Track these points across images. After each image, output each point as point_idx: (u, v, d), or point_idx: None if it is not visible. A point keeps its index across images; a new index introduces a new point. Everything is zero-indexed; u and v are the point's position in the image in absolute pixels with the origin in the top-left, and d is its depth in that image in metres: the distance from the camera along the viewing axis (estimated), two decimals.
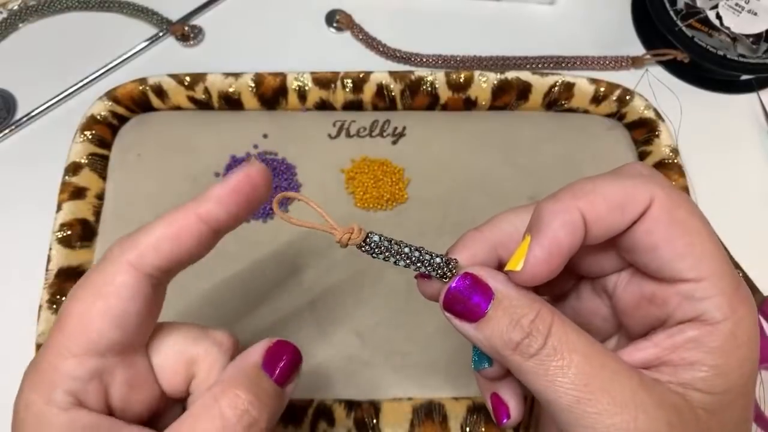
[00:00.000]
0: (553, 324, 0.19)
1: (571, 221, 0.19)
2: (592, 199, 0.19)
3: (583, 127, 0.40)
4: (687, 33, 0.42)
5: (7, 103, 0.41)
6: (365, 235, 0.22)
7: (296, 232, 0.36)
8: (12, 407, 0.22)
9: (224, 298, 0.35)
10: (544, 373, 0.18)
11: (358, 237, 0.22)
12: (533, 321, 0.19)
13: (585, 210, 0.19)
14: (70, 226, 0.35)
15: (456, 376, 0.33)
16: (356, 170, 0.38)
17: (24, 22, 0.44)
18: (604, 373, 0.18)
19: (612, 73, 0.44)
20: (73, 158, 0.36)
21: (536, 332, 0.19)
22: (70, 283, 0.34)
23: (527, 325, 0.19)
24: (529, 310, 0.19)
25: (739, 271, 0.38)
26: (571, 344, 0.18)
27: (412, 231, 0.36)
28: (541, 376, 0.18)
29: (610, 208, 0.19)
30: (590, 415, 0.18)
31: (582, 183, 0.20)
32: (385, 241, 0.22)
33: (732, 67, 0.41)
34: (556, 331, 0.19)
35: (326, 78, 0.38)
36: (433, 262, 0.21)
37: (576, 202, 0.19)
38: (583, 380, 0.18)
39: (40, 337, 0.32)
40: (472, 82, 0.39)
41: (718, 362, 0.19)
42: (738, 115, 0.43)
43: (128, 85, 0.38)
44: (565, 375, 0.18)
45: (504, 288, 0.20)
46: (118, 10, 0.45)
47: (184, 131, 0.39)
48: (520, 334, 0.19)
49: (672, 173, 0.37)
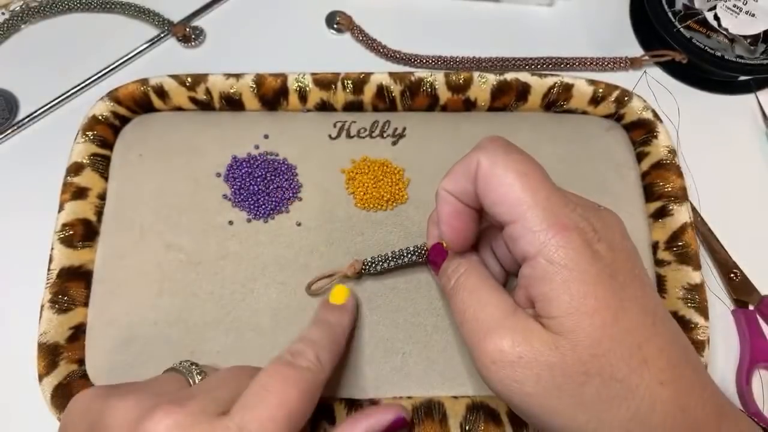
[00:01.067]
0: (461, 275, 0.28)
1: (444, 201, 0.27)
2: (449, 179, 0.26)
3: (582, 127, 0.40)
4: (685, 34, 0.42)
5: (10, 103, 0.42)
6: (361, 265, 0.33)
7: (296, 232, 0.36)
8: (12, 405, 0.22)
9: (225, 298, 0.35)
10: (451, 300, 0.28)
11: (359, 268, 0.33)
12: (454, 269, 0.28)
13: (448, 188, 0.26)
14: (71, 226, 0.35)
15: (455, 375, 0.33)
16: (356, 171, 0.38)
17: (26, 23, 0.45)
18: (478, 304, 0.25)
19: (610, 74, 0.44)
20: (75, 158, 0.37)
21: (452, 276, 0.28)
22: (71, 283, 0.34)
23: (450, 272, 0.28)
24: (452, 266, 0.29)
25: (737, 271, 0.38)
26: (466, 284, 0.27)
27: (412, 231, 0.37)
28: (450, 304, 0.28)
29: (458, 180, 0.26)
30: (465, 335, 0.26)
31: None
32: (376, 260, 0.33)
33: (730, 68, 0.41)
34: (462, 275, 0.28)
35: (327, 79, 0.39)
36: (411, 258, 0.33)
37: (442, 185, 0.27)
38: (464, 307, 0.26)
39: (41, 337, 0.33)
40: (472, 83, 0.39)
41: (544, 290, 0.23)
42: (736, 115, 0.44)
43: (130, 85, 0.38)
44: (455, 303, 0.27)
45: (453, 254, 0.29)
46: (119, 11, 0.45)
47: (186, 132, 0.39)
48: (445, 280, 0.29)
49: (670, 174, 0.37)
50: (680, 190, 0.37)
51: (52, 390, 0.32)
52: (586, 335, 0.22)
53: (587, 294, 0.22)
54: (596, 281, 0.22)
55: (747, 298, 0.38)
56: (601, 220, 0.24)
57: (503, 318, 0.24)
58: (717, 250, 0.39)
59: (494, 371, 0.23)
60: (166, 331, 0.34)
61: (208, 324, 0.34)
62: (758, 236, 0.39)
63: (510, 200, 0.23)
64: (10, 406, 0.34)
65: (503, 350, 0.23)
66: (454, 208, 0.27)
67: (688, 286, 0.35)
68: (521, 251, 0.23)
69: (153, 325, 0.34)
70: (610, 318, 0.22)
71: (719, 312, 0.38)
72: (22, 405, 0.34)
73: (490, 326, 0.24)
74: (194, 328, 0.34)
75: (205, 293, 0.35)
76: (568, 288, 0.22)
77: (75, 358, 0.33)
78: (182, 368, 0.28)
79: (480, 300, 0.25)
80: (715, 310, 0.37)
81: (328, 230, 0.36)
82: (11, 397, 0.34)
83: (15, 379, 0.34)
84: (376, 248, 0.36)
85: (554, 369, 0.22)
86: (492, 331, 0.24)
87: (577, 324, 0.22)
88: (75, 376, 0.33)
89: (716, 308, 0.38)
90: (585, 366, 0.22)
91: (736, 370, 0.36)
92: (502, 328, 0.24)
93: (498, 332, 0.24)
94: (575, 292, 0.22)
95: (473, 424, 0.32)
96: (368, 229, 0.37)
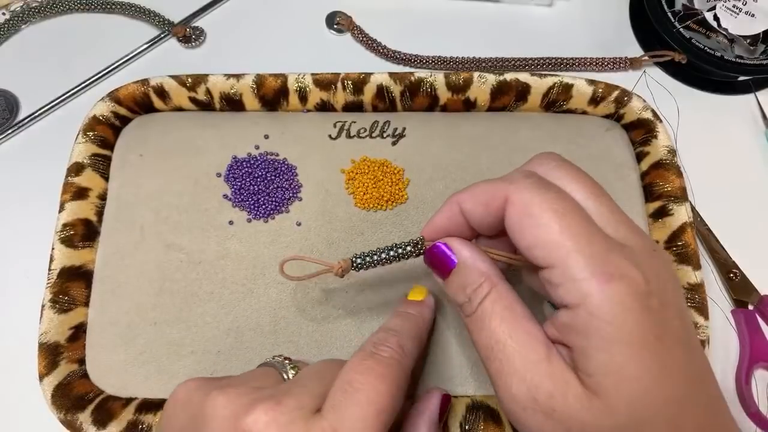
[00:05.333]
0: (488, 296, 0.24)
1: (449, 211, 0.26)
2: (467, 196, 0.25)
3: (582, 127, 0.40)
4: (685, 34, 0.42)
5: (10, 103, 0.42)
6: (350, 262, 0.28)
7: (296, 232, 0.36)
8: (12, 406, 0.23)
9: (225, 298, 0.35)
10: (472, 329, 0.24)
11: (348, 266, 0.28)
12: (474, 290, 0.24)
13: (462, 204, 0.25)
14: (72, 226, 0.35)
15: (455, 374, 0.33)
16: (356, 171, 0.38)
17: (26, 24, 0.45)
18: (510, 340, 0.23)
19: (610, 75, 0.44)
20: (76, 159, 0.37)
21: (473, 299, 0.24)
22: (72, 283, 0.34)
23: (469, 292, 0.25)
24: (473, 281, 0.25)
25: (737, 271, 0.38)
26: (492, 313, 0.23)
27: (412, 231, 0.37)
28: (470, 330, 0.25)
29: (477, 203, 0.24)
30: (491, 374, 0.23)
31: (476, 182, 0.25)
32: (366, 258, 0.28)
33: (729, 68, 0.41)
34: (487, 301, 0.24)
35: (327, 79, 0.39)
36: (405, 252, 0.28)
37: (457, 197, 0.25)
38: (492, 343, 0.23)
39: (42, 337, 0.33)
40: (472, 84, 0.39)
41: (582, 344, 0.21)
42: (736, 116, 0.44)
43: (130, 86, 0.39)
44: (480, 336, 0.24)
45: (466, 258, 0.25)
46: (120, 11, 0.45)
47: (186, 132, 0.39)
48: (463, 297, 0.25)
49: (670, 174, 0.37)
50: (680, 190, 0.37)
51: (52, 390, 0.32)
52: (624, 402, 0.20)
53: (630, 357, 0.20)
54: (642, 343, 0.20)
55: (746, 298, 0.38)
56: (654, 267, 0.21)
57: (539, 362, 0.22)
58: (716, 250, 0.39)
59: (524, 417, 0.22)
60: (166, 331, 0.34)
61: (208, 324, 0.34)
62: (758, 236, 0.39)
63: (548, 243, 0.21)
64: (10, 405, 0.34)
65: (537, 399, 0.21)
66: (457, 222, 0.26)
67: (688, 285, 0.35)
68: (560, 299, 0.21)
69: (153, 325, 0.34)
70: (651, 385, 0.20)
71: (719, 312, 0.38)
72: (23, 405, 0.34)
73: (524, 370, 0.22)
74: (194, 328, 0.34)
75: (205, 293, 0.35)
76: (610, 348, 0.20)
77: (75, 357, 0.33)
78: (276, 363, 0.28)
79: (512, 336, 0.23)
80: (715, 309, 0.37)
81: (328, 230, 0.37)
82: (11, 397, 0.34)
83: (15, 378, 0.34)
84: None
85: (586, 428, 0.21)
86: (526, 376, 0.22)
87: (616, 388, 0.20)
88: (75, 375, 0.33)
89: (716, 308, 0.38)
90: (619, 431, 0.20)
91: (736, 369, 0.36)
92: (538, 375, 0.21)
93: (533, 380, 0.21)
94: (617, 354, 0.20)
95: (473, 424, 0.32)
96: (368, 229, 0.37)
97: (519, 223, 0.22)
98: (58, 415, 0.31)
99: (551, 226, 0.21)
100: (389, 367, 0.24)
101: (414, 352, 0.27)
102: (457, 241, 0.26)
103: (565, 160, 0.25)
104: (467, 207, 0.25)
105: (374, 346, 0.25)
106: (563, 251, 0.21)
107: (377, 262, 0.28)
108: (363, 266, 0.28)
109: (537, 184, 0.23)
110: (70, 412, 0.31)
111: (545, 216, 0.21)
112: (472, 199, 0.24)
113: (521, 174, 0.23)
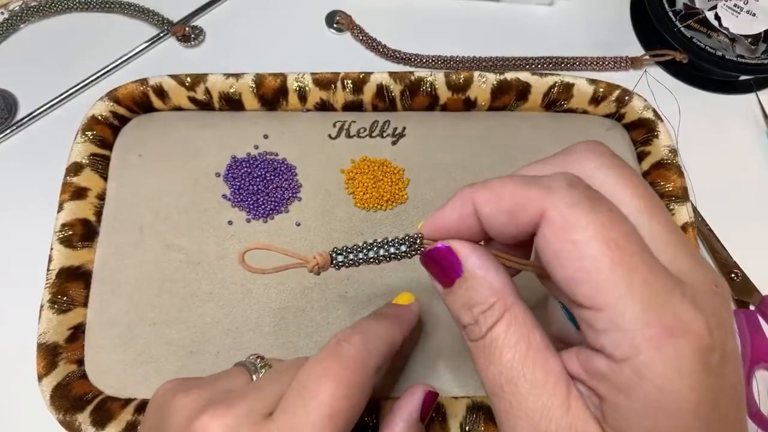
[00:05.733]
0: (500, 321, 0.19)
1: (460, 209, 0.20)
2: (487, 197, 0.20)
3: (582, 127, 0.40)
4: (686, 34, 0.42)
5: (9, 103, 0.42)
6: (329, 258, 0.23)
7: (296, 232, 0.36)
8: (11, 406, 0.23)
9: (225, 298, 0.35)
10: (477, 358, 0.20)
11: (325, 262, 0.23)
12: (483, 312, 0.20)
13: (479, 205, 0.20)
14: (71, 226, 0.35)
15: (455, 375, 0.33)
16: (356, 170, 0.38)
17: (25, 23, 0.45)
18: (524, 380, 0.18)
19: (611, 74, 0.44)
20: (75, 158, 0.37)
21: (482, 322, 0.20)
22: (70, 283, 0.34)
23: (477, 313, 0.20)
24: (484, 299, 0.20)
25: (738, 271, 0.38)
26: (505, 345, 0.19)
27: (412, 231, 0.36)
28: (475, 359, 0.20)
29: (499, 209, 0.19)
30: (498, 412, 0.19)
31: (498, 178, 0.20)
32: (350, 254, 0.23)
33: (731, 67, 0.41)
34: (499, 328, 0.19)
35: (326, 79, 0.39)
36: (398, 252, 0.22)
37: (474, 195, 0.20)
38: (502, 381, 0.19)
39: (40, 337, 0.33)
40: (472, 83, 0.39)
41: (620, 402, 0.17)
42: (737, 115, 0.43)
43: (129, 85, 0.38)
44: (488, 369, 0.19)
45: (474, 268, 0.20)
46: (119, 10, 0.45)
47: (185, 132, 0.39)
48: (469, 318, 0.20)
49: (671, 173, 0.37)
50: (681, 190, 0.37)
51: (51, 390, 0.31)
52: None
53: (677, 427, 0.17)
54: (694, 413, 0.16)
55: (747, 298, 0.37)
56: (717, 310, 0.17)
57: (556, 408, 0.18)
58: (717, 250, 0.39)
59: None
60: (165, 331, 0.34)
61: (208, 324, 0.34)
62: (759, 236, 0.39)
63: (594, 281, 0.17)
64: (9, 406, 0.34)
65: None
66: (468, 223, 0.20)
67: None
68: (601, 347, 0.17)
69: (153, 325, 0.34)
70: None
71: None
72: (21, 405, 0.34)
73: (538, 417, 0.18)
74: (194, 328, 0.34)
75: (205, 293, 0.35)
76: (655, 415, 0.16)
77: (74, 358, 0.33)
78: (248, 363, 0.27)
79: (527, 375, 0.18)
80: None
81: (328, 230, 0.36)
82: (10, 398, 0.34)
83: (14, 379, 0.34)
84: None
85: None
86: (540, 425, 0.18)
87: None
88: (74, 376, 0.33)
89: None
90: None
91: None
92: (554, 425, 0.18)
93: (548, 429, 0.18)
94: (662, 422, 0.16)
95: (473, 425, 0.32)
96: (368, 229, 0.37)
97: (558, 249, 0.17)
98: (57, 416, 0.31)
99: (601, 260, 0.17)
100: (348, 369, 0.23)
101: (383, 351, 0.25)
102: (465, 245, 0.21)
103: (614, 156, 0.20)
104: (486, 211, 0.20)
105: (337, 343, 0.24)
106: (614, 294, 0.17)
107: (363, 260, 0.23)
108: (345, 264, 0.23)
109: (584, 199, 0.18)
110: (69, 412, 0.31)
111: (594, 246, 0.17)
112: (494, 203, 0.19)
113: (563, 181, 0.18)
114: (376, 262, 0.23)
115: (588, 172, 0.20)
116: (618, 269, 0.17)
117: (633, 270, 0.17)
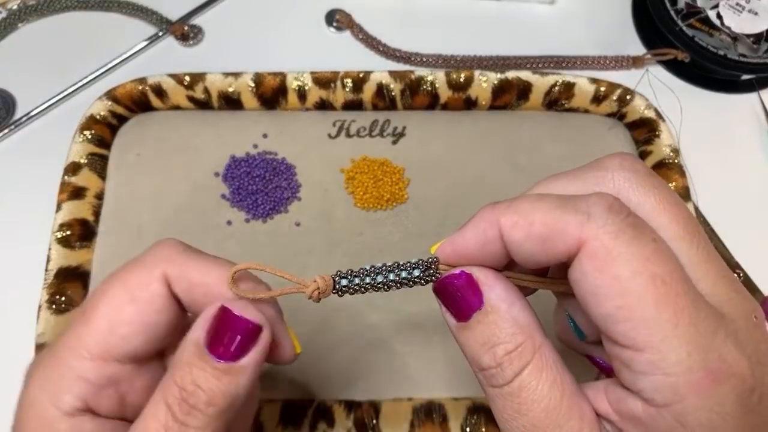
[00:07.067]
0: (530, 364, 0.17)
1: (483, 234, 0.18)
2: (517, 221, 0.17)
3: (584, 126, 0.40)
4: (687, 32, 0.42)
5: (7, 102, 0.41)
6: (332, 282, 0.21)
7: (296, 231, 0.36)
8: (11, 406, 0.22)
9: None
10: (501, 407, 0.18)
11: (327, 287, 0.21)
12: (509, 353, 0.17)
13: (506, 231, 0.18)
14: (69, 226, 0.35)
15: (456, 376, 0.33)
16: (356, 170, 0.37)
17: (23, 22, 0.44)
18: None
19: (612, 73, 0.44)
20: (73, 158, 0.36)
21: (507, 366, 0.17)
22: (69, 284, 0.34)
23: (501, 355, 0.17)
24: (510, 338, 0.17)
25: (740, 271, 0.38)
26: (537, 393, 0.17)
27: (412, 231, 0.36)
28: (496, 407, 0.18)
29: (531, 237, 0.17)
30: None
31: (527, 198, 0.18)
32: (355, 279, 0.21)
33: (732, 66, 0.41)
34: (529, 374, 0.17)
35: (326, 78, 0.38)
36: (411, 278, 0.20)
37: (501, 218, 0.18)
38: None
39: (39, 337, 0.32)
40: (473, 82, 0.39)
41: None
42: (739, 114, 0.43)
43: (128, 84, 0.38)
44: (516, 421, 0.17)
45: (498, 301, 0.18)
46: (117, 9, 0.45)
47: (184, 131, 0.39)
48: (490, 360, 0.17)
49: (673, 173, 0.37)
50: (682, 190, 0.37)
51: None
52: None
53: None
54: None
55: None
56: (757, 345, 0.16)
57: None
58: (719, 250, 0.38)
59: None
60: None
61: None
62: (760, 236, 0.39)
63: (637, 320, 0.15)
64: (8, 407, 0.34)
65: None
66: (492, 250, 0.18)
67: None
68: (640, 390, 0.16)
69: None
70: None
71: None
72: None
73: None
74: None
75: None
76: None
77: None
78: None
79: (562, 427, 0.17)
80: None
81: (328, 230, 0.36)
82: (9, 398, 0.34)
83: (13, 379, 0.34)
84: (375, 248, 0.36)
85: None
86: None
87: None
88: None
89: None
90: None
91: None
92: None
93: None
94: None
95: (474, 426, 0.31)
96: (368, 229, 0.36)
97: (597, 283, 0.16)
98: None
99: (646, 298, 0.15)
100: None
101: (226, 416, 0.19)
102: (489, 274, 0.18)
103: (650, 174, 0.18)
104: (515, 238, 0.17)
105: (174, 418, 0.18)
106: (658, 336, 0.15)
107: (370, 285, 0.21)
108: (349, 289, 0.21)
109: (626, 227, 0.16)
110: None
111: (639, 282, 0.15)
112: (525, 228, 0.17)
113: (603, 205, 0.16)
114: (385, 288, 0.21)
115: (623, 191, 0.18)
116: (663, 309, 0.15)
117: (679, 310, 0.15)
